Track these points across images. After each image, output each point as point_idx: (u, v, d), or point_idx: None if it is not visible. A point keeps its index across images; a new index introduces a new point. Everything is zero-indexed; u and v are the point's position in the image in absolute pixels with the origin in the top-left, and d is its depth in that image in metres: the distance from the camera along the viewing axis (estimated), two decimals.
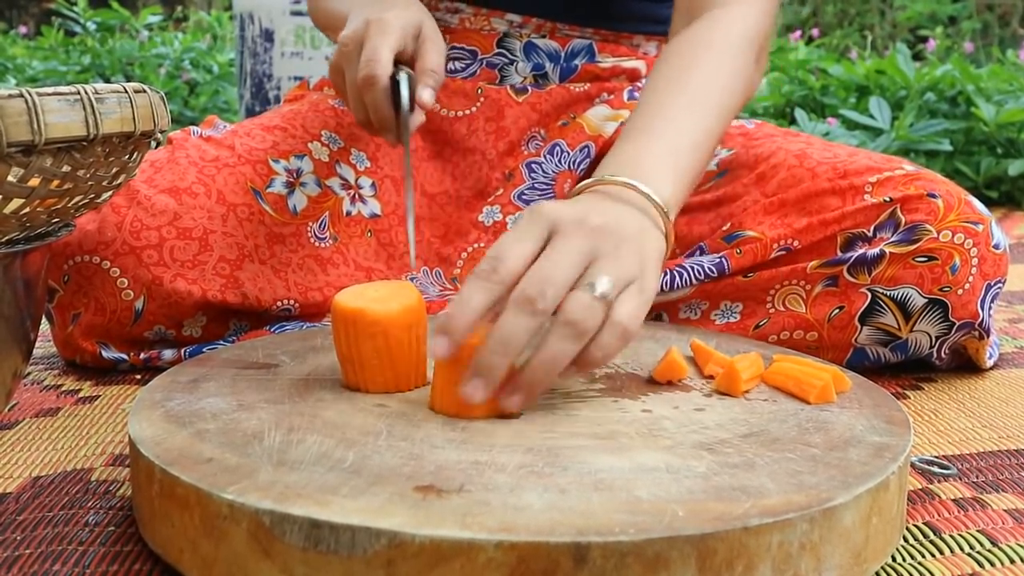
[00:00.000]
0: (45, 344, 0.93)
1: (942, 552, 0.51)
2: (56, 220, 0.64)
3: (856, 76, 2.52)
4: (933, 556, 0.51)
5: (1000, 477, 0.62)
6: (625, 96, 0.97)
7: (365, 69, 0.74)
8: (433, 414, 0.55)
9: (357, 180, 0.94)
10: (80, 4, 3.37)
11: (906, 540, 0.53)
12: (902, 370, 0.85)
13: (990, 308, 0.79)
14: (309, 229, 0.89)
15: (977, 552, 0.51)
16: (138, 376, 0.83)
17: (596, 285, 0.53)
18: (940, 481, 0.61)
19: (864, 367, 0.81)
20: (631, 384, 0.62)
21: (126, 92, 0.60)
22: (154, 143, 0.66)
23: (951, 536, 0.53)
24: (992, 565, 0.50)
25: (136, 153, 0.65)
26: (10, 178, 0.55)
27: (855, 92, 2.52)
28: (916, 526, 0.54)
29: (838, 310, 0.79)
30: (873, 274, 0.77)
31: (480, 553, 0.39)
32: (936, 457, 0.65)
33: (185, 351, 0.83)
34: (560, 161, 0.95)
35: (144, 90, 0.62)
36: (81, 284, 0.81)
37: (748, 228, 0.82)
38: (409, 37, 0.78)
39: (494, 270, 0.53)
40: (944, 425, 0.72)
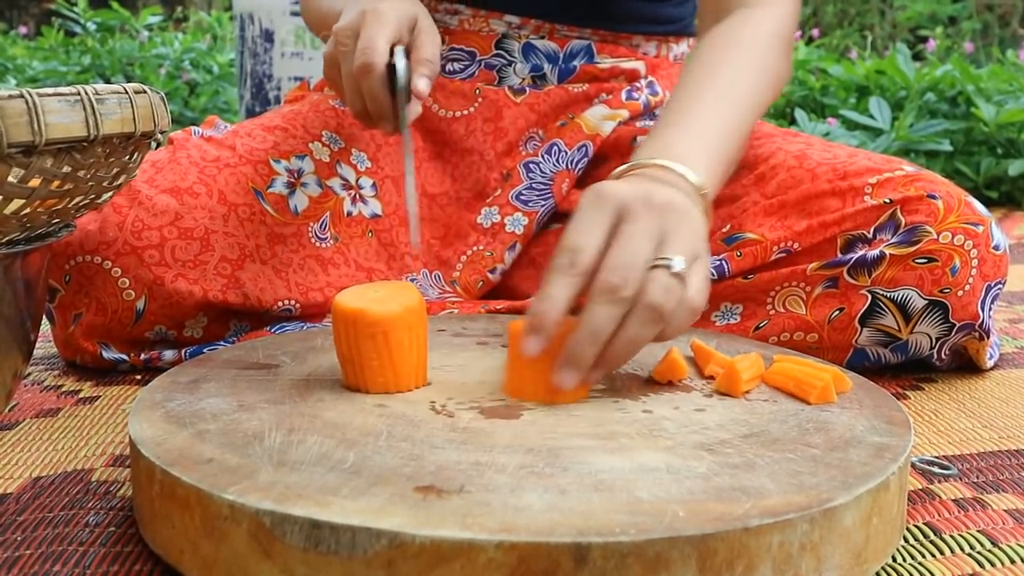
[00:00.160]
0: (45, 344, 0.93)
1: (942, 552, 0.51)
2: (56, 221, 0.64)
3: (856, 76, 2.52)
4: (933, 556, 0.51)
5: (1000, 477, 0.62)
6: (623, 96, 0.97)
7: (361, 57, 0.74)
8: (434, 415, 0.55)
9: (358, 180, 0.94)
10: (80, 4, 3.37)
11: (906, 540, 0.53)
12: (902, 370, 0.85)
13: (990, 309, 0.79)
14: (310, 229, 0.89)
15: (977, 552, 0.51)
16: (138, 377, 0.83)
17: (672, 264, 0.55)
18: (940, 481, 0.61)
19: (864, 368, 0.81)
20: (631, 384, 0.62)
21: (126, 93, 0.60)
22: (154, 143, 0.66)
23: (951, 536, 0.53)
24: (992, 565, 0.50)
25: (136, 154, 0.65)
26: (10, 179, 0.55)
27: (855, 92, 2.52)
28: (916, 526, 0.54)
29: (838, 311, 0.79)
30: (873, 275, 0.77)
31: (480, 554, 0.39)
32: (936, 457, 0.65)
33: (186, 352, 0.83)
34: (558, 161, 0.95)
35: (144, 91, 0.62)
36: (82, 284, 0.81)
37: (748, 230, 0.82)
38: (405, 29, 0.78)
39: (572, 263, 0.55)
40: (944, 425, 0.72)
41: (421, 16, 0.79)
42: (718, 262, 0.82)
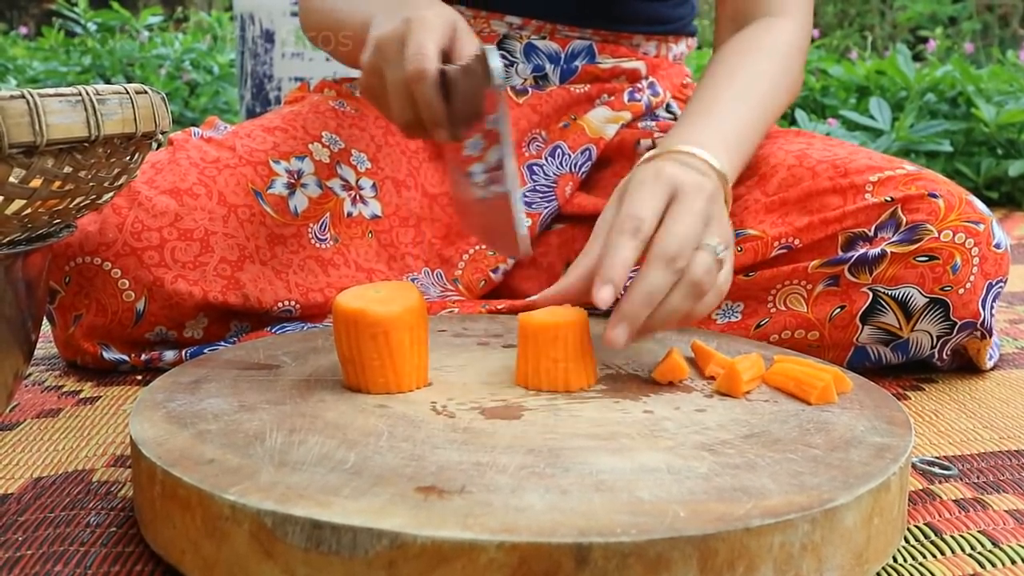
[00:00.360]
0: (46, 345, 0.93)
1: (943, 553, 0.51)
2: (58, 221, 0.64)
3: (856, 77, 2.52)
4: (934, 557, 0.51)
5: (1001, 478, 0.62)
6: (625, 98, 0.97)
7: (414, 63, 0.70)
8: (435, 415, 0.55)
9: (358, 181, 0.94)
10: (81, 5, 3.37)
11: (907, 541, 0.53)
12: (903, 371, 0.85)
13: (991, 308, 0.79)
14: (310, 230, 0.89)
15: (978, 553, 0.51)
16: (139, 377, 0.83)
17: (716, 247, 0.62)
18: (941, 482, 0.61)
19: (865, 368, 0.82)
20: (632, 385, 0.62)
21: (127, 93, 0.60)
22: (155, 144, 0.66)
23: (952, 537, 0.53)
24: (993, 566, 0.50)
25: (137, 154, 0.65)
26: (12, 179, 0.55)
27: (855, 93, 2.52)
28: (917, 527, 0.54)
29: (839, 309, 0.79)
30: (874, 273, 0.77)
31: (482, 554, 0.39)
32: (937, 458, 0.65)
33: (186, 352, 0.83)
34: (561, 164, 0.95)
35: (145, 91, 0.62)
36: (82, 285, 0.81)
37: (749, 226, 0.82)
38: (450, 35, 0.76)
39: (638, 229, 0.60)
40: (945, 426, 0.72)
41: (459, 21, 0.78)
42: None
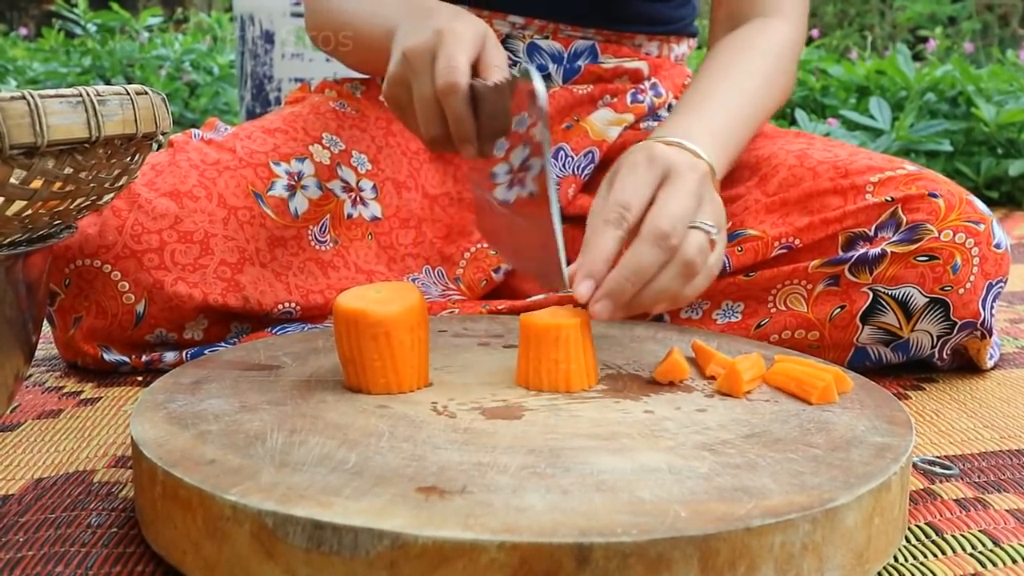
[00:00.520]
0: (47, 346, 0.93)
1: (944, 552, 0.51)
2: (58, 222, 0.64)
3: (856, 77, 2.52)
4: (935, 556, 0.51)
5: (1002, 477, 0.62)
6: (628, 99, 0.97)
7: (444, 76, 0.68)
8: (435, 415, 0.55)
9: (358, 183, 0.94)
10: (80, 6, 3.37)
11: (908, 540, 0.53)
12: (903, 371, 0.85)
13: (992, 307, 0.79)
14: (310, 232, 0.89)
15: (979, 552, 0.51)
16: (140, 378, 0.83)
17: (709, 227, 0.62)
18: (942, 481, 0.61)
19: (865, 367, 0.82)
20: (633, 385, 0.62)
21: (128, 94, 0.60)
22: (155, 145, 0.66)
23: (953, 536, 0.53)
24: (994, 565, 0.50)
25: (138, 155, 0.65)
26: (12, 180, 0.55)
27: (855, 93, 2.52)
28: (918, 526, 0.54)
29: (839, 309, 0.79)
30: (874, 273, 0.77)
31: (482, 554, 0.39)
32: (938, 457, 0.65)
33: (187, 353, 0.83)
34: (564, 166, 0.95)
35: (146, 92, 0.62)
36: (82, 288, 0.81)
37: (749, 227, 0.82)
38: (479, 48, 0.75)
39: (623, 218, 0.60)
40: (946, 425, 0.72)
41: (488, 32, 0.77)
42: None
